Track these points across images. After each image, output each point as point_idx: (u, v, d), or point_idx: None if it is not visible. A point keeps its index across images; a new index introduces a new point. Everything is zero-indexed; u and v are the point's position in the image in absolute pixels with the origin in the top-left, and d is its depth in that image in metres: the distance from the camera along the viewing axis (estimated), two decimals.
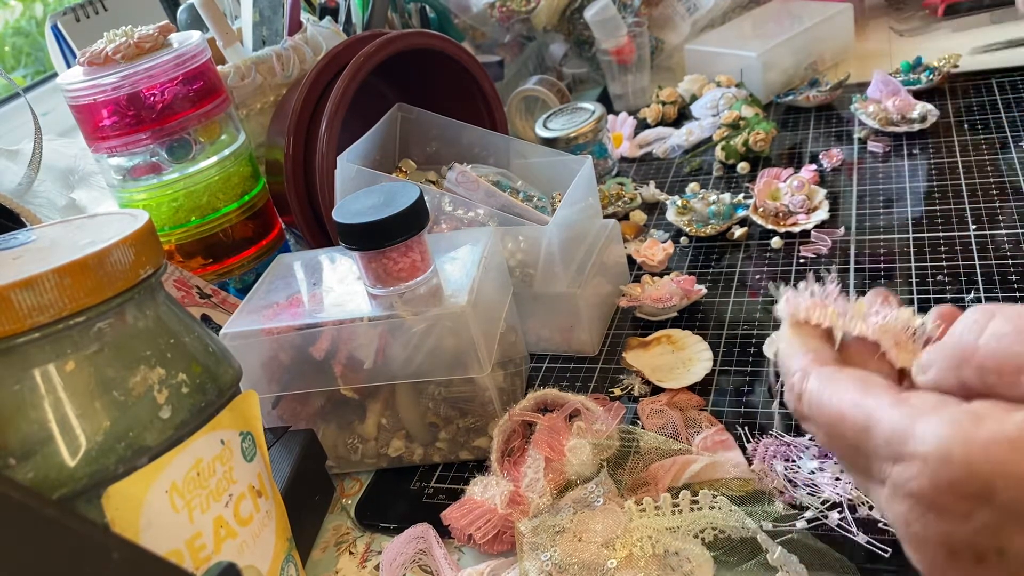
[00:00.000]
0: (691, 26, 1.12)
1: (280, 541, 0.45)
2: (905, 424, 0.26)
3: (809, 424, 0.31)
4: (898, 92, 0.85)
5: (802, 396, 0.31)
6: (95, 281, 0.36)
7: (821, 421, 0.30)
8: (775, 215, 0.74)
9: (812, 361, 0.31)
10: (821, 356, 0.31)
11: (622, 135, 0.98)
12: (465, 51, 0.78)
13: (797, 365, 0.32)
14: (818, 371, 0.30)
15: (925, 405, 0.26)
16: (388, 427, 0.57)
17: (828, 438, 0.30)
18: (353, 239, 0.52)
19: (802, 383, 0.31)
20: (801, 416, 0.31)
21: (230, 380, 0.43)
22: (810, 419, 0.30)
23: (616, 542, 0.45)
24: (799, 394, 0.31)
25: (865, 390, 0.28)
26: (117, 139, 0.65)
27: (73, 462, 0.35)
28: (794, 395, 0.31)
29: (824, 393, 0.30)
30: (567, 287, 0.62)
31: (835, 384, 0.29)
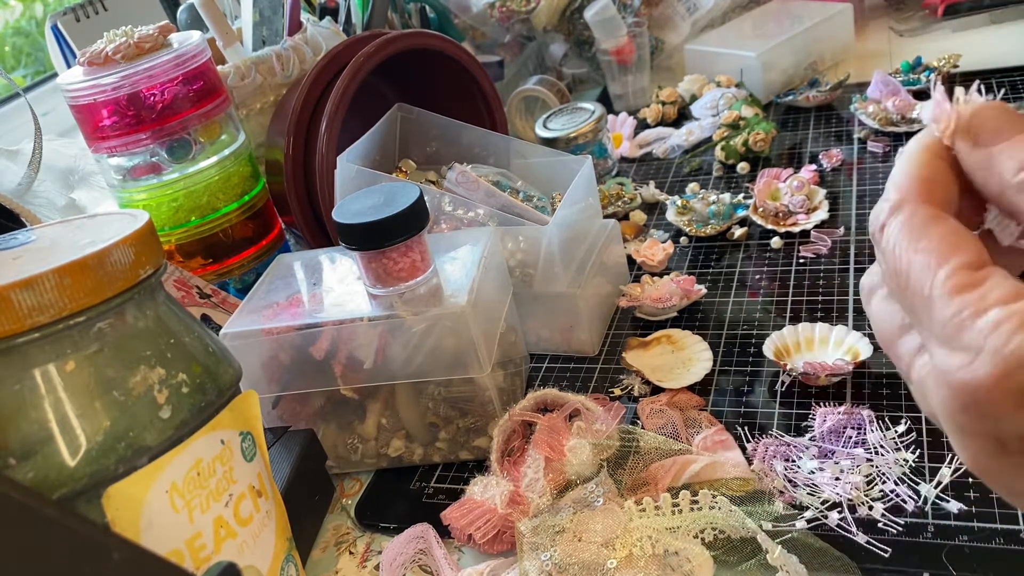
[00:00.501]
0: (691, 26, 1.12)
1: (280, 541, 0.45)
2: (964, 315, 0.24)
3: (880, 260, 0.28)
4: (898, 92, 0.85)
5: (884, 229, 0.27)
6: (95, 281, 0.36)
7: (890, 268, 0.27)
8: (775, 215, 0.74)
9: (915, 193, 0.27)
10: (931, 190, 0.28)
11: (622, 135, 0.98)
12: (465, 51, 0.78)
13: (896, 189, 0.28)
14: (912, 210, 0.27)
15: (995, 297, 0.24)
16: (388, 427, 0.57)
17: (893, 287, 0.27)
18: (353, 239, 0.52)
19: (889, 215, 0.27)
20: (876, 244, 0.28)
21: (230, 380, 0.43)
22: (882, 259, 0.28)
23: (616, 542, 0.45)
24: (882, 225, 0.28)
25: (945, 257, 0.25)
26: (117, 139, 0.65)
27: (73, 462, 0.35)
28: (878, 221, 0.28)
29: (903, 241, 0.27)
30: (567, 287, 0.62)
31: (920, 236, 0.26)
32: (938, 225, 0.26)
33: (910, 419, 0.50)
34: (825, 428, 0.50)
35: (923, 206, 0.27)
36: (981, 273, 0.25)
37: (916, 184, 0.28)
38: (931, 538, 0.43)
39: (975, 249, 0.26)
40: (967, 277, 0.25)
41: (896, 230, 0.27)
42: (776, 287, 0.66)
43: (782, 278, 0.67)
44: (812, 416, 0.52)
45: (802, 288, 0.65)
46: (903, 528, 0.44)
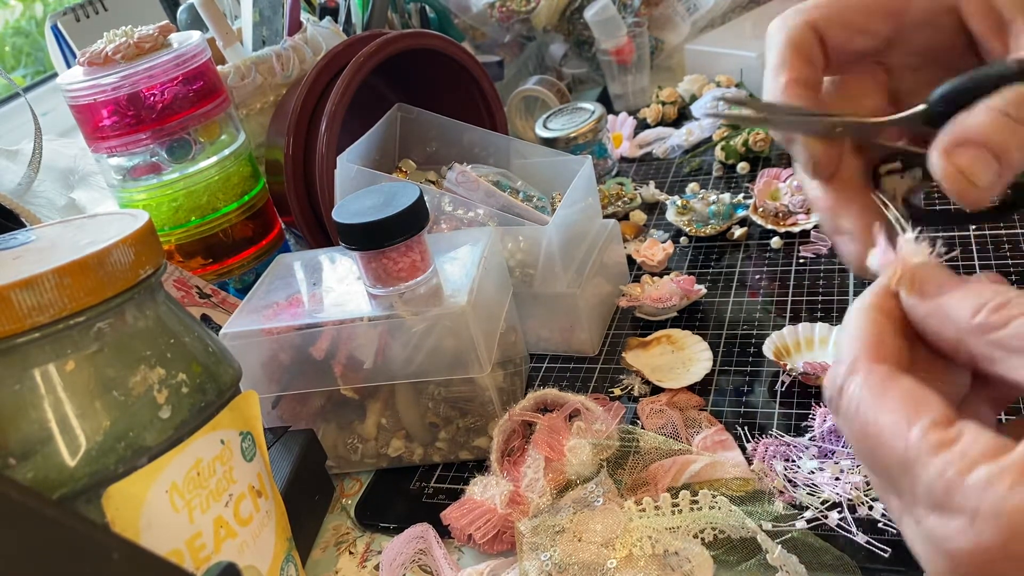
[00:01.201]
0: (691, 26, 1.12)
1: (280, 541, 0.45)
2: (951, 475, 0.23)
3: (842, 426, 0.27)
4: None
5: (842, 393, 0.27)
6: (95, 281, 0.36)
7: (855, 432, 0.26)
8: (775, 215, 0.74)
9: (868, 354, 0.27)
10: (882, 348, 0.27)
11: (622, 135, 0.98)
12: (465, 51, 0.78)
13: (849, 351, 0.27)
14: (868, 371, 0.27)
15: (976, 452, 0.23)
16: (388, 427, 0.57)
17: (859, 452, 0.27)
18: (353, 239, 0.52)
19: (846, 378, 0.27)
20: (834, 409, 0.28)
21: (230, 380, 0.43)
22: (844, 424, 0.27)
23: (616, 542, 0.45)
24: (840, 388, 0.27)
25: (913, 416, 0.25)
26: (117, 139, 0.65)
27: (73, 462, 0.35)
28: (834, 387, 0.27)
29: (865, 403, 0.26)
30: (567, 287, 0.62)
31: (882, 396, 0.26)
32: (897, 383, 0.26)
33: None
34: (825, 428, 0.50)
35: (877, 365, 0.27)
36: (954, 429, 0.24)
37: (866, 344, 0.27)
38: None
39: (939, 403, 0.25)
40: (942, 434, 0.24)
41: (856, 392, 0.26)
42: (776, 287, 0.66)
43: (782, 278, 0.67)
44: (812, 416, 0.52)
45: (802, 288, 0.65)
46: None
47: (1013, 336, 0.25)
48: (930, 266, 0.28)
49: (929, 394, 0.25)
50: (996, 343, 0.26)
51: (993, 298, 0.26)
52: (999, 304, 0.26)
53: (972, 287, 0.27)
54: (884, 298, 0.29)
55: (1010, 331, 0.25)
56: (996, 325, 0.26)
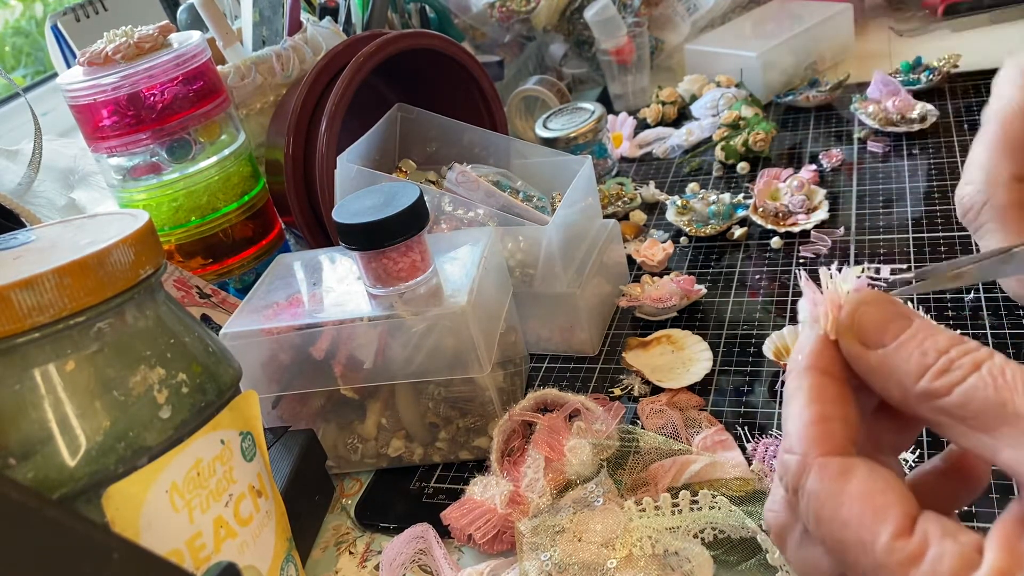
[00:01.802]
0: (691, 26, 1.12)
1: (280, 541, 0.45)
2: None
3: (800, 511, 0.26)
4: (898, 92, 0.85)
5: (799, 496, 0.26)
6: (95, 281, 0.36)
7: (821, 537, 0.26)
8: (775, 215, 0.74)
9: (816, 446, 0.26)
10: (829, 433, 0.26)
11: (622, 135, 0.98)
12: (465, 51, 0.78)
13: (798, 444, 0.26)
14: (820, 468, 0.26)
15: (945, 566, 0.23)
16: (388, 427, 0.57)
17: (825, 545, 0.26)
18: (353, 239, 0.52)
19: (799, 479, 0.26)
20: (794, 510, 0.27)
21: (230, 380, 0.43)
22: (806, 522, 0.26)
23: (616, 542, 0.45)
24: (794, 488, 0.26)
25: (874, 526, 0.24)
26: (117, 139, 0.65)
27: (73, 462, 0.35)
28: (788, 484, 0.27)
29: (824, 511, 0.25)
30: (567, 287, 0.62)
31: (839, 501, 0.25)
32: (850, 482, 0.25)
33: None
34: None
35: (828, 461, 0.26)
36: (917, 538, 0.24)
37: (812, 433, 0.26)
38: None
39: (898, 500, 0.24)
40: (907, 548, 0.23)
41: (811, 499, 0.26)
42: (776, 287, 0.66)
43: (782, 278, 0.67)
44: None
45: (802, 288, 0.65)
46: None
47: (957, 406, 0.24)
48: (870, 304, 0.27)
49: (885, 488, 0.25)
50: (942, 411, 0.25)
51: (936, 359, 0.25)
52: (943, 367, 0.25)
53: (917, 337, 0.26)
54: (820, 354, 0.28)
55: (954, 399, 0.25)
56: (941, 392, 0.25)
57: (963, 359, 0.25)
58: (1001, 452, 0.24)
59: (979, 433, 0.24)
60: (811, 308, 0.28)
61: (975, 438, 0.24)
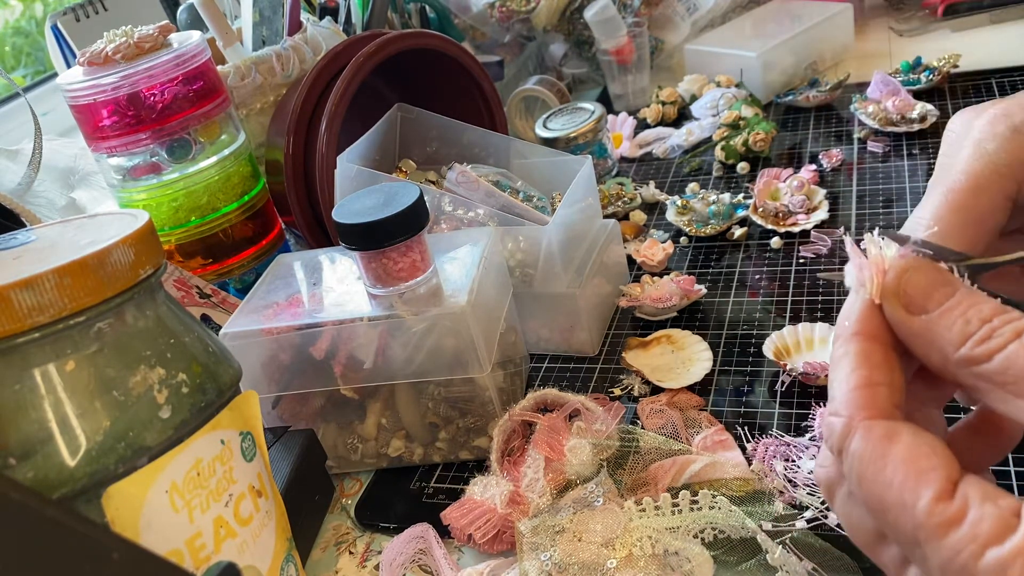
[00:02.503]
0: (691, 26, 1.12)
1: (280, 541, 0.45)
2: (964, 559, 0.23)
3: (850, 487, 0.27)
4: (898, 92, 0.85)
5: (843, 456, 0.26)
6: (95, 281, 0.36)
7: (863, 499, 0.26)
8: (775, 215, 0.74)
9: (860, 407, 0.26)
10: (874, 397, 0.26)
11: (622, 135, 0.98)
12: (465, 51, 0.78)
13: (843, 407, 0.27)
14: (865, 432, 0.26)
15: (984, 534, 0.23)
16: (388, 427, 0.57)
17: (868, 508, 0.26)
18: (353, 239, 0.52)
19: (844, 440, 0.26)
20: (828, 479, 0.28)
21: (230, 380, 0.43)
22: (852, 487, 0.27)
23: (616, 542, 0.45)
24: (839, 450, 0.27)
25: (916, 488, 0.24)
26: (117, 139, 0.65)
27: (73, 462, 0.35)
28: (833, 446, 0.27)
29: (867, 474, 0.25)
30: (567, 287, 0.62)
31: (882, 463, 0.25)
32: (895, 445, 0.25)
33: None
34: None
35: (874, 424, 0.26)
36: (958, 502, 0.24)
37: (857, 396, 0.27)
38: None
39: (942, 464, 0.25)
40: (947, 511, 0.24)
41: (855, 460, 0.26)
42: (776, 287, 0.66)
43: (782, 278, 0.67)
44: (812, 416, 0.52)
45: (802, 288, 0.65)
46: None
47: (997, 372, 0.25)
48: (917, 270, 0.27)
49: (929, 453, 0.25)
50: (981, 376, 0.25)
51: (979, 327, 0.25)
52: (984, 335, 0.25)
53: (961, 305, 0.26)
54: (866, 320, 0.28)
55: (994, 366, 0.25)
56: (981, 358, 0.25)
57: (1005, 328, 0.25)
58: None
59: (1017, 399, 0.25)
60: (857, 273, 0.28)
61: (1013, 403, 0.25)
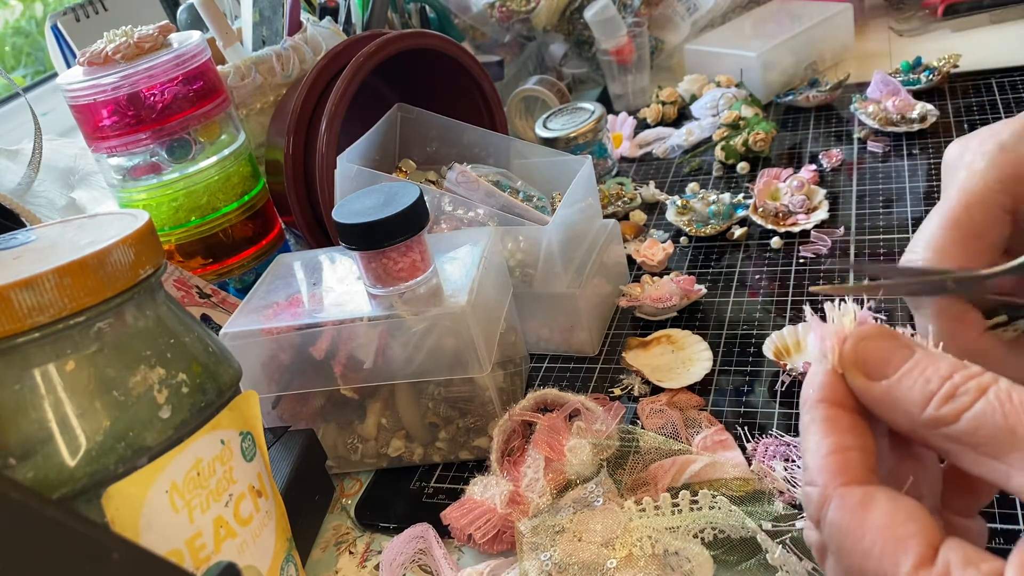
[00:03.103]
0: (691, 26, 1.12)
1: (280, 541, 0.45)
2: None
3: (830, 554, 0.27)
4: (898, 92, 0.85)
5: (821, 527, 0.26)
6: (95, 281, 0.36)
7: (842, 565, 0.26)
8: (775, 215, 0.74)
9: (835, 477, 0.26)
10: (847, 463, 0.26)
11: (622, 135, 0.98)
12: (465, 51, 0.78)
13: (817, 475, 0.26)
14: (840, 499, 0.26)
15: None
16: (388, 427, 0.57)
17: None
18: (353, 239, 0.52)
19: (821, 508, 0.26)
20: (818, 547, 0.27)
21: (230, 380, 0.43)
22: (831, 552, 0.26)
23: (616, 542, 0.45)
24: (817, 520, 0.26)
25: (897, 556, 0.24)
26: (117, 139, 0.65)
27: (73, 462, 0.35)
28: (811, 515, 0.27)
29: (847, 539, 0.25)
30: (567, 287, 0.62)
31: (860, 531, 0.25)
32: (871, 513, 0.25)
33: None
34: None
35: (848, 491, 0.26)
36: (939, 568, 0.23)
37: (830, 464, 0.26)
38: None
39: (920, 531, 0.24)
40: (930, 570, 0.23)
41: (834, 531, 0.26)
42: (776, 287, 0.66)
43: (782, 278, 0.67)
44: None
45: (802, 288, 0.65)
46: None
47: (966, 433, 0.24)
48: (871, 337, 0.27)
49: (907, 519, 0.25)
50: (951, 438, 0.25)
51: (940, 385, 0.25)
52: (948, 393, 0.25)
53: (919, 366, 0.26)
54: (831, 387, 0.28)
55: (963, 427, 0.24)
56: (948, 419, 0.25)
57: (968, 384, 0.25)
58: (1013, 478, 0.24)
59: (990, 460, 0.24)
60: (820, 344, 0.28)
61: (987, 465, 0.24)
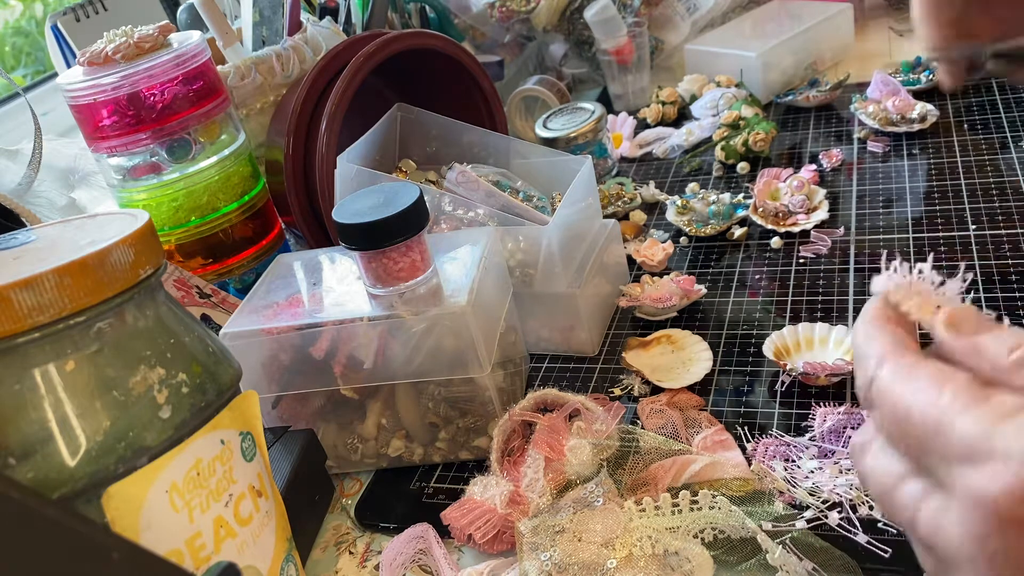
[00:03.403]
0: (691, 26, 1.12)
1: (280, 541, 0.45)
2: (985, 424, 0.24)
3: (875, 413, 0.30)
4: (898, 92, 0.85)
5: (873, 383, 0.29)
6: (95, 281, 0.36)
7: (887, 413, 0.28)
8: (775, 215, 0.74)
9: (892, 350, 0.29)
10: (902, 346, 0.29)
11: (622, 135, 0.98)
12: (465, 51, 0.78)
13: (875, 351, 0.30)
14: (896, 361, 0.29)
15: (1008, 406, 0.24)
16: (388, 427, 0.57)
17: (893, 432, 0.28)
18: (353, 239, 0.52)
19: (876, 369, 0.29)
20: (868, 403, 0.30)
21: (230, 380, 0.43)
22: (877, 408, 0.29)
23: (616, 542, 0.45)
24: (870, 379, 0.29)
25: (942, 388, 0.26)
26: (117, 139, 0.65)
27: (73, 462, 0.35)
28: (865, 380, 0.30)
29: (897, 386, 0.28)
30: (567, 287, 0.62)
31: (911, 379, 0.28)
32: (925, 366, 0.28)
33: None
34: (825, 428, 0.50)
35: (903, 355, 0.29)
36: (985, 389, 0.25)
37: (890, 343, 0.29)
38: None
39: (967, 377, 0.26)
40: (974, 392, 0.25)
41: (887, 378, 0.28)
42: (776, 287, 0.66)
43: (782, 278, 0.67)
44: (812, 416, 0.52)
45: (802, 288, 0.65)
46: None
47: None
48: (965, 310, 0.30)
49: (957, 370, 0.27)
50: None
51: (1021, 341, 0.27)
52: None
53: (1003, 332, 0.28)
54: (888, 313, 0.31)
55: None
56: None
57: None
58: None
59: None
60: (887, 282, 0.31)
61: None
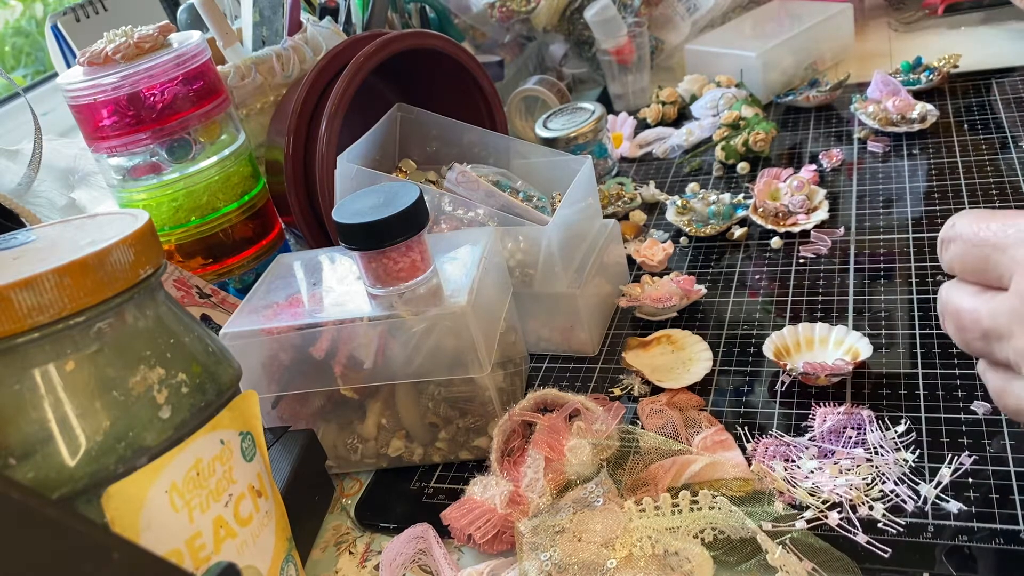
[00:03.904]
0: (691, 26, 1.12)
1: (280, 541, 0.45)
2: None
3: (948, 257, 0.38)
4: (898, 92, 0.85)
5: (949, 238, 0.38)
6: (95, 281, 0.36)
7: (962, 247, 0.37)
8: (775, 215, 0.74)
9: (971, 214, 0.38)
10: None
11: (622, 135, 0.98)
12: (465, 51, 0.78)
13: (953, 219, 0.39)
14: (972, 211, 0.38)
15: None
16: (388, 427, 0.57)
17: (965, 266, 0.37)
18: (353, 239, 0.52)
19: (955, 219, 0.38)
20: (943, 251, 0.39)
21: (230, 380, 0.43)
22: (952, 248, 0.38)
23: (616, 542, 0.45)
24: (950, 224, 0.38)
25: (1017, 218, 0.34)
26: (117, 139, 0.65)
27: (73, 462, 0.35)
28: (947, 227, 0.39)
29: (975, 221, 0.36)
30: (567, 287, 0.62)
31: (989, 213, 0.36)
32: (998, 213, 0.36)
33: (910, 419, 0.50)
34: (825, 428, 0.50)
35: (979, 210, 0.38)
36: None
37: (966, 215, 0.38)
38: (931, 538, 0.43)
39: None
40: None
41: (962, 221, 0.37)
42: (776, 287, 0.66)
43: (782, 278, 0.67)
44: (812, 416, 0.52)
45: (802, 288, 0.65)
46: (903, 528, 0.44)
47: None
48: None
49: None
50: None
51: None
52: None
53: None
54: None
55: None
56: None
57: None
58: None
59: None
60: None
61: None
